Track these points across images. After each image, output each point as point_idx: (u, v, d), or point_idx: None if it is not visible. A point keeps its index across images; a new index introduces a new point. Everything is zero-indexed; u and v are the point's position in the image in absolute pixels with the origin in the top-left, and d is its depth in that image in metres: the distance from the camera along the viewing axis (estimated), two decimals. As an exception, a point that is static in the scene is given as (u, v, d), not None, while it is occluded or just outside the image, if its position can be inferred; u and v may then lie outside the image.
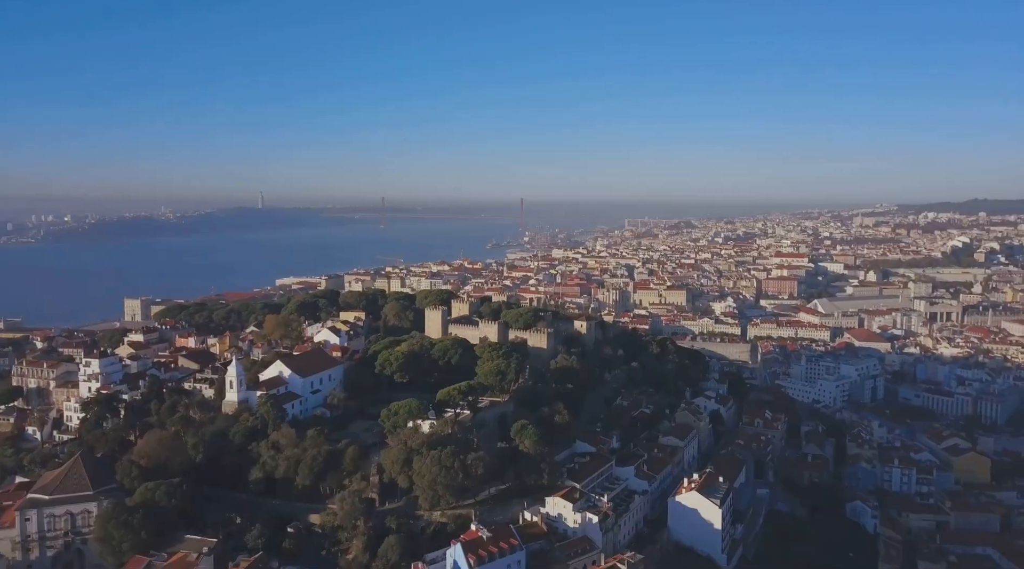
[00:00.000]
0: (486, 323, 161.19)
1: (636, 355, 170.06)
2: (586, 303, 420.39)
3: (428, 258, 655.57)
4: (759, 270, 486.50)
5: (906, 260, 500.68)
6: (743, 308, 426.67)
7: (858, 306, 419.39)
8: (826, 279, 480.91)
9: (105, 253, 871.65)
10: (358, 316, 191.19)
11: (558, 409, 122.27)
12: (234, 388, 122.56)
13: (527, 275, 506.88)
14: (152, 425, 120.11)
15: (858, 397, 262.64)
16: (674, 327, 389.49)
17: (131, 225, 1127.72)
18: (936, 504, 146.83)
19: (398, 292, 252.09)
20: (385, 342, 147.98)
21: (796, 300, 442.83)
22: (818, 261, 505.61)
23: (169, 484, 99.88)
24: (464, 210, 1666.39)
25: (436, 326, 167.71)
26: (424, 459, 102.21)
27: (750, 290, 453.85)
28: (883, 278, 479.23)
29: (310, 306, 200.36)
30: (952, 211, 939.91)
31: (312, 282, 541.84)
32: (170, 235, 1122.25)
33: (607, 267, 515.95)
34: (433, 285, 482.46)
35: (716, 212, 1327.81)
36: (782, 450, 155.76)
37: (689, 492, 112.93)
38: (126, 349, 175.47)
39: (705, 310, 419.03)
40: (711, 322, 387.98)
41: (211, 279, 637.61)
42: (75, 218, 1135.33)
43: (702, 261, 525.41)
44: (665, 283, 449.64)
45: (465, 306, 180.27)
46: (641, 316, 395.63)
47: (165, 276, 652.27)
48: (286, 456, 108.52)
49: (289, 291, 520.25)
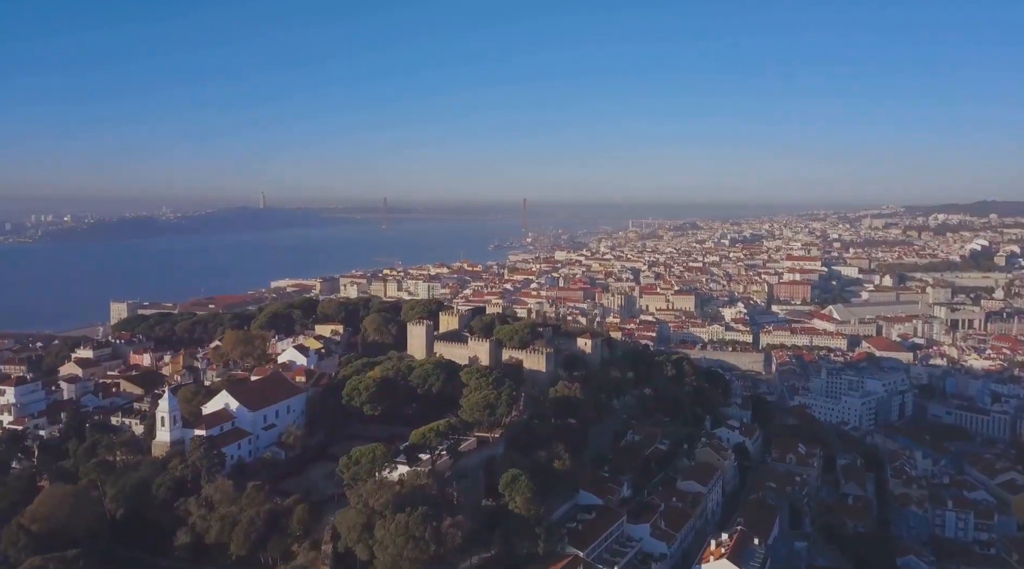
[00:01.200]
0: (477, 340, 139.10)
1: (648, 377, 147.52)
2: (590, 308, 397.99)
3: (429, 259, 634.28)
4: (770, 274, 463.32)
5: (923, 264, 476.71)
6: (754, 314, 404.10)
7: (875, 312, 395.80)
8: (840, 283, 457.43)
9: (102, 253, 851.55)
10: (336, 330, 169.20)
11: (557, 451, 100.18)
12: (166, 426, 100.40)
13: (528, 278, 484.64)
14: (67, 471, 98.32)
15: (885, 415, 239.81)
16: (682, 334, 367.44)
17: (131, 225, 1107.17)
18: (1000, 555, 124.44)
19: (383, 302, 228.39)
20: (357, 365, 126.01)
21: (810, 305, 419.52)
22: (831, 265, 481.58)
23: (62, 559, 77.85)
24: (467, 211, 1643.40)
25: (420, 344, 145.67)
26: (388, 525, 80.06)
27: (761, 295, 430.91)
28: (899, 283, 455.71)
29: (283, 318, 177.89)
30: (960, 213, 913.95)
31: (307, 284, 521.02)
32: (170, 235, 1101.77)
33: (611, 270, 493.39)
34: (431, 289, 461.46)
35: (720, 213, 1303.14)
36: (817, 490, 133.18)
37: (719, 560, 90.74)
38: (72, 367, 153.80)
39: (714, 316, 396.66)
40: (721, 329, 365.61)
41: (206, 281, 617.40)
42: (75, 218, 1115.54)
43: (710, 264, 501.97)
44: (672, 287, 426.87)
45: (455, 319, 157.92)
46: (647, 322, 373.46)
47: (159, 277, 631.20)
48: (220, 516, 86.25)
49: (283, 293, 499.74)
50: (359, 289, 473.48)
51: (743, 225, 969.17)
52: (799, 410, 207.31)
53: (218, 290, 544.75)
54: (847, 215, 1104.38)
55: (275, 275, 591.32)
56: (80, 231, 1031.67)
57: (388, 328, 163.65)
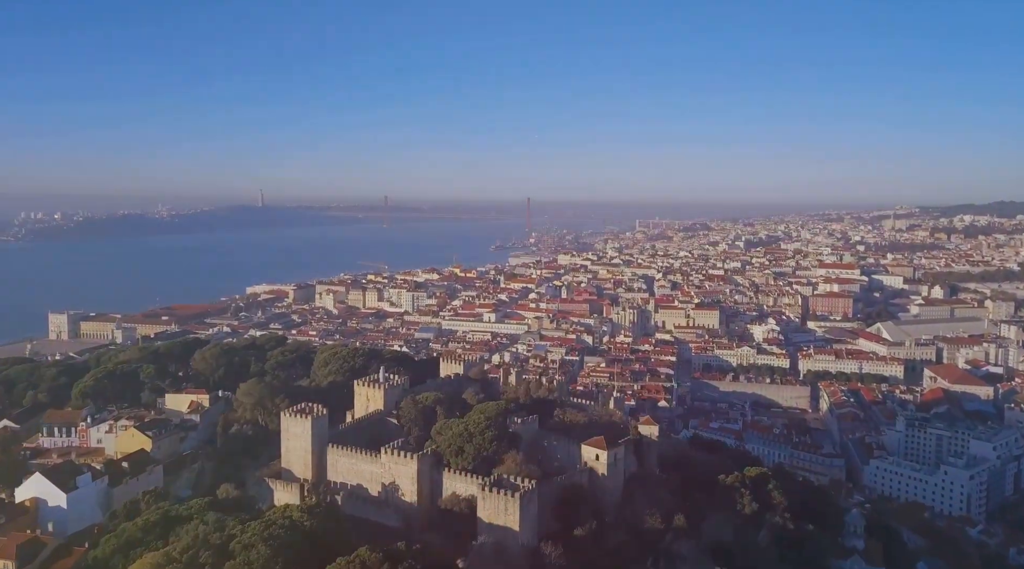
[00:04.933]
0: (397, 457, 73.25)
1: (710, 507, 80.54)
2: (596, 324, 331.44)
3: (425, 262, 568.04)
4: (802, 284, 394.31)
5: (976, 272, 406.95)
6: (787, 332, 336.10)
7: (931, 331, 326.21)
8: (884, 296, 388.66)
9: (82, 253, 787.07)
10: (197, 401, 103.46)
11: None
12: None
13: (527, 286, 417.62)
14: None
15: (997, 494, 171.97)
16: (706, 358, 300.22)
17: (122, 223, 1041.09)
18: None
19: (298, 342, 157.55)
20: (113, 540, 59.82)
21: (852, 322, 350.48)
22: (870, 273, 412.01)
23: None
24: (470, 210, 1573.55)
25: (302, 454, 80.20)
26: None
27: (794, 309, 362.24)
28: (950, 294, 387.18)
29: (126, 379, 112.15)
30: (979, 213, 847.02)
31: (283, 291, 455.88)
32: (163, 234, 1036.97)
33: (621, 277, 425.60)
34: (416, 299, 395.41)
35: (728, 213, 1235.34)
36: None
37: None
38: None
39: (742, 334, 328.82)
40: (752, 351, 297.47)
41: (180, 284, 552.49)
42: (65, 216, 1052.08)
43: (732, 272, 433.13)
44: (692, 299, 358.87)
45: (378, 394, 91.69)
46: (664, 343, 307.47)
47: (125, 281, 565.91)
48: None
49: (254, 302, 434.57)
50: (336, 298, 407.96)
51: (757, 226, 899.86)
52: (911, 510, 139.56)
53: (189, 295, 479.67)
54: (861, 216, 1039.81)
55: (259, 278, 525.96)
56: (66, 229, 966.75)
57: (274, 403, 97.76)
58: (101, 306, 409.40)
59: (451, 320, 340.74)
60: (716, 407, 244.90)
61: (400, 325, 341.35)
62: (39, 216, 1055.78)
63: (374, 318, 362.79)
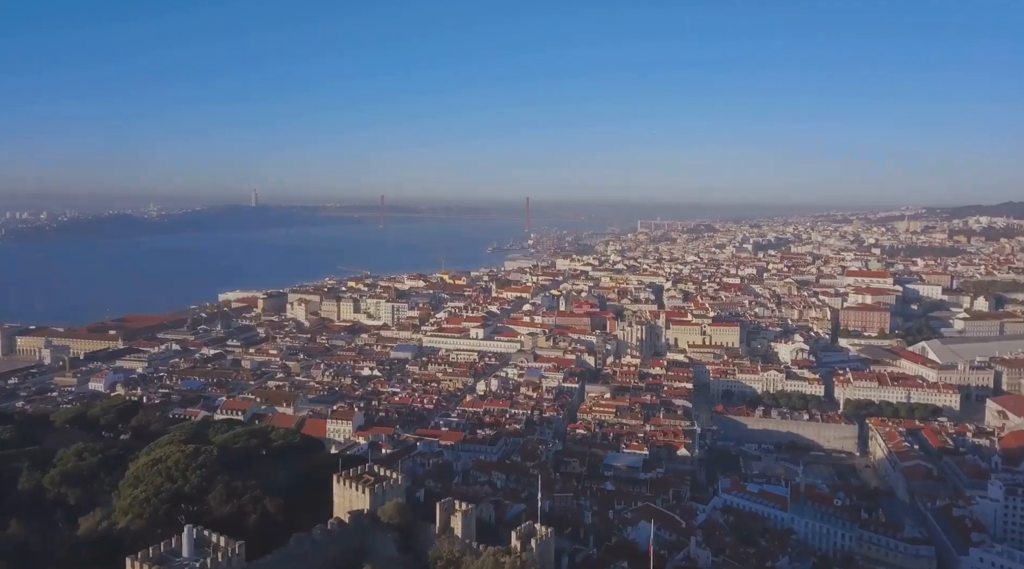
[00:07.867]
0: None
1: None
2: (599, 343, 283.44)
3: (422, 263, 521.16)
4: (830, 294, 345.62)
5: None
6: (816, 350, 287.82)
7: (985, 352, 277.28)
8: (922, 308, 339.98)
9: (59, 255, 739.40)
10: None
11: None
12: None
13: (522, 296, 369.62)
14: None
15: None
16: (727, 383, 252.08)
17: (110, 223, 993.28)
18: None
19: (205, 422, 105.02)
20: None
21: (889, 339, 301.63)
22: (906, 282, 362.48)
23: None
24: (469, 210, 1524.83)
25: None
26: None
27: (823, 324, 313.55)
28: (996, 306, 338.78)
29: None
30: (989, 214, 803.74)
31: (254, 299, 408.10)
32: (152, 234, 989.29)
33: (626, 286, 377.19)
34: (397, 310, 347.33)
35: (731, 213, 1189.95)
36: None
37: None
38: None
39: (766, 354, 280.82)
40: (780, 376, 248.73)
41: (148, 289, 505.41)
42: (51, 215, 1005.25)
43: (749, 280, 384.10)
44: (708, 313, 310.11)
45: None
46: (679, 364, 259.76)
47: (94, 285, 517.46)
48: None
49: (221, 312, 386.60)
50: (308, 309, 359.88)
51: (764, 228, 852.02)
52: None
53: (153, 303, 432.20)
54: (869, 217, 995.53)
55: (240, 282, 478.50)
56: (49, 229, 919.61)
57: None
58: (50, 316, 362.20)
59: (433, 336, 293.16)
60: (745, 451, 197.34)
61: (375, 342, 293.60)
62: (25, 215, 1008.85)
63: (347, 333, 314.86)
